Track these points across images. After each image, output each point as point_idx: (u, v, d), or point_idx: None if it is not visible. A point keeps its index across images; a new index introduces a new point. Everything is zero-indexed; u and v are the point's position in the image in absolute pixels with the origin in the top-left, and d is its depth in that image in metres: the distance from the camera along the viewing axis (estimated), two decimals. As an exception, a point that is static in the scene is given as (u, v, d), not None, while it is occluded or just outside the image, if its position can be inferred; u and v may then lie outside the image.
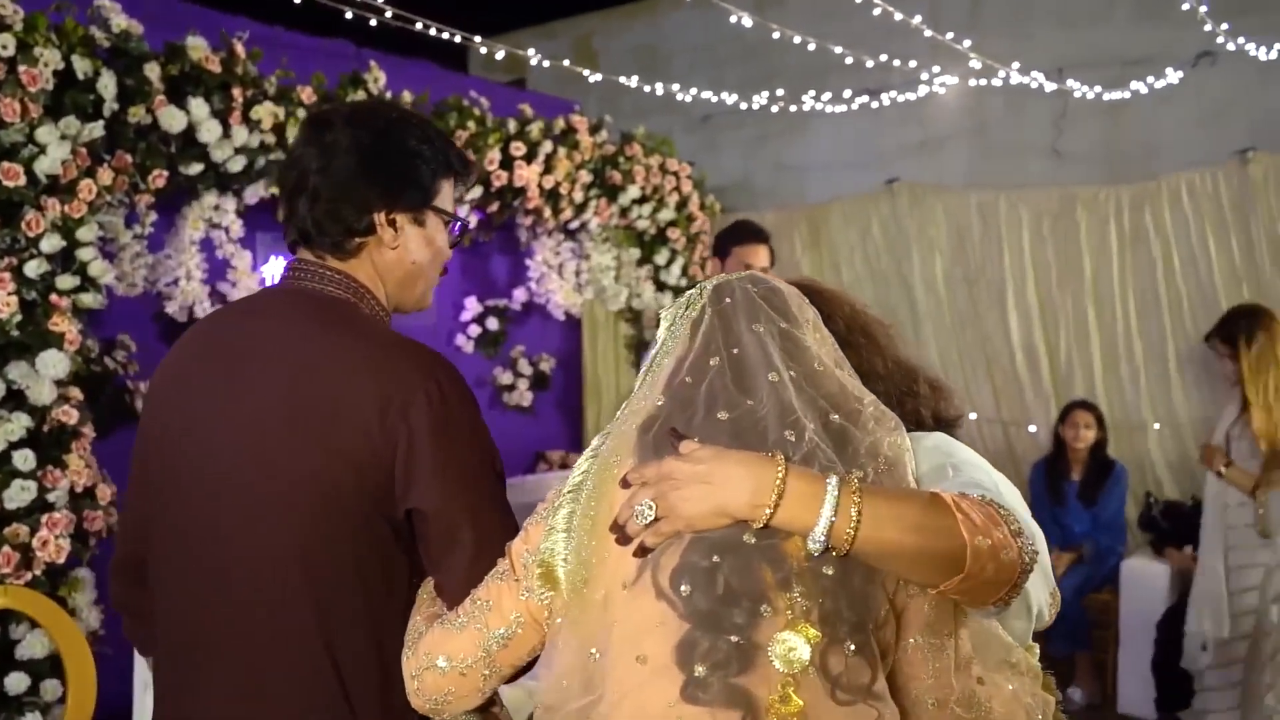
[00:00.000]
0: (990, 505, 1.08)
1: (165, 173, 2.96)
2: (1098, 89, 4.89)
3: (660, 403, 1.18)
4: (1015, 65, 4.89)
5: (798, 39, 4.73)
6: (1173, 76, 4.90)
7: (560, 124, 4.13)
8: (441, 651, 1.25)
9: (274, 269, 3.57)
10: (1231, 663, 3.64)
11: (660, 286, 4.75)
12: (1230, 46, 4.66)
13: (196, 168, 3.06)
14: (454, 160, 1.50)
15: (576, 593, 1.16)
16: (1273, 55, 4.52)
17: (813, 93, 5.58)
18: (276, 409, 1.34)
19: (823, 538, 1.02)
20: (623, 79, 4.79)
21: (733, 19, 4.24)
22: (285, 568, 1.33)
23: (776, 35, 5.08)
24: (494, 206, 3.95)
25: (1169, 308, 4.59)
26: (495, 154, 3.80)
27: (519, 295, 4.45)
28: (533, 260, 4.41)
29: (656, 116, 5.85)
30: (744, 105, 5.42)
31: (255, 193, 3.26)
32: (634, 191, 4.41)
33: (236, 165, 3.12)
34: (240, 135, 3.08)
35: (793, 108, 5.63)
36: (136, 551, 1.48)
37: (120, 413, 3.15)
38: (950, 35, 4.87)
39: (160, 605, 1.43)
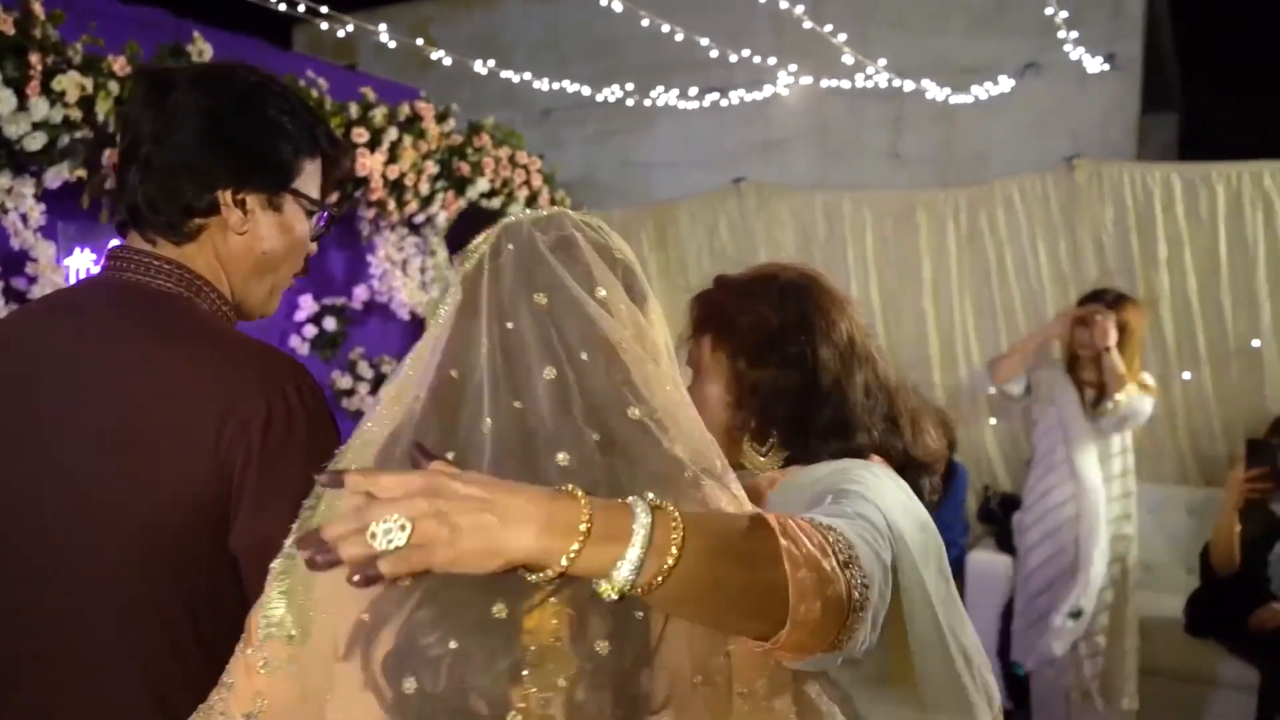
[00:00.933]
0: (820, 530, 0.87)
1: (-52, 148, 2.57)
2: (941, 94, 5.02)
3: (418, 401, 0.93)
4: (870, 65, 4.97)
5: (645, 22, 4.61)
6: (1004, 84, 5.10)
7: (405, 110, 3.88)
8: None
9: (81, 262, 3.18)
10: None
11: (510, 284, 4.55)
12: (1055, 57, 4.90)
13: (-14, 144, 2.67)
14: (322, 139, 1.32)
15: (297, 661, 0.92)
16: (1094, 67, 4.77)
17: (660, 88, 5.51)
18: (88, 434, 1.13)
19: (629, 576, 0.78)
20: (479, 66, 4.57)
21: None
22: (100, 629, 1.13)
23: (621, 30, 4.98)
24: (333, 197, 3.66)
25: (1002, 309, 4.76)
26: (334, 140, 3.51)
27: (359, 294, 4.17)
28: (374, 256, 4.13)
29: (496, 110, 5.65)
30: (598, 97, 5.29)
31: (58, 175, 2.88)
32: (483, 184, 4.20)
33: (35, 143, 2.74)
34: (39, 108, 2.71)
35: (643, 102, 5.56)
36: None
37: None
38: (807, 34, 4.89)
39: None
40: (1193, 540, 4.14)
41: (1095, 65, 4.48)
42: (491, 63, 4.59)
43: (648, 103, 5.51)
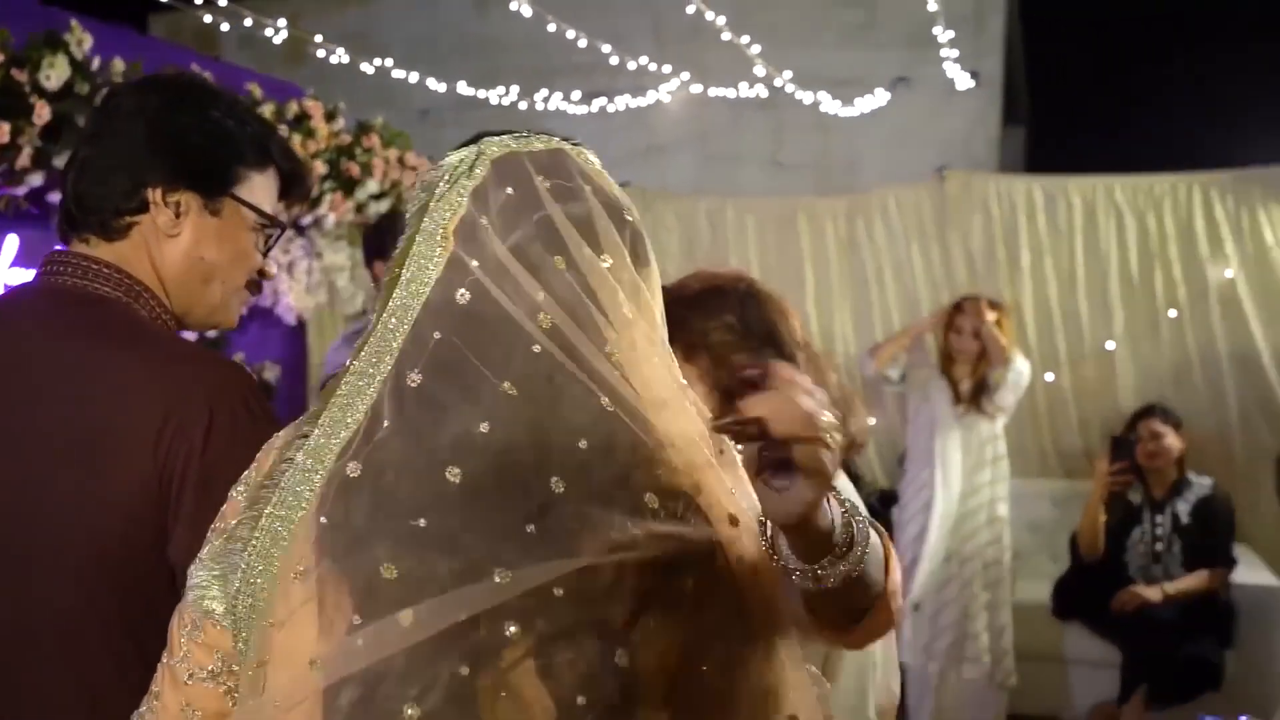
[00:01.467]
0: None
1: None
2: (828, 104, 5.19)
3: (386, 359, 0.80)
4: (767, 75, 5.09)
5: (526, 25, 4.60)
6: (879, 97, 5.32)
7: (294, 108, 3.75)
8: None
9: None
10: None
11: (398, 288, 4.45)
12: (924, 72, 5.15)
13: None
14: (276, 153, 1.27)
15: (245, 662, 0.80)
16: (963, 83, 5.03)
17: (545, 91, 5.51)
18: (18, 445, 1.11)
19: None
20: (393, 65, 4.45)
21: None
22: (43, 638, 1.10)
23: (502, 31, 4.96)
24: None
25: (880, 313, 4.97)
26: (221, 138, 3.37)
27: (241, 297, 4.01)
28: (258, 258, 3.98)
29: (372, 109, 5.52)
30: (480, 95, 5.23)
31: (-79, 170, 2.67)
32: (372, 186, 4.10)
33: (-103, 135, 2.53)
34: (-97, 97, 2.50)
35: (521, 105, 5.54)
36: None
37: None
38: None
39: None
40: (1056, 530, 4.42)
41: (964, 81, 4.73)
42: (381, 61, 4.48)
43: (524, 105, 5.49)
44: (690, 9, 4.76)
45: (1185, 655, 3.63)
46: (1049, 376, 4.70)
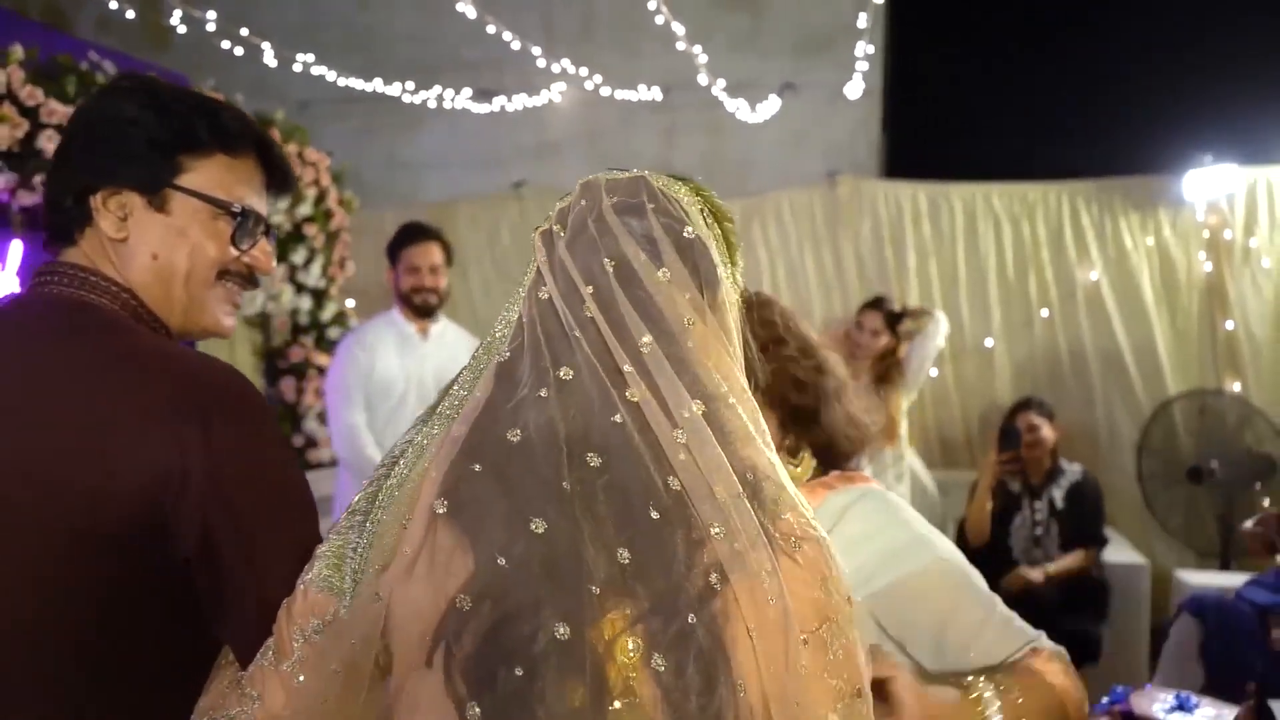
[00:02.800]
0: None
1: None
2: (722, 107, 5.30)
3: (486, 393, 0.93)
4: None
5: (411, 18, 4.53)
6: (770, 101, 5.46)
7: (195, 100, 3.58)
8: None
9: None
10: None
11: (299, 288, 4.31)
12: (810, 78, 5.33)
13: None
14: (206, 134, 1.20)
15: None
16: (852, 91, 5.23)
17: (437, 87, 5.41)
18: (20, 453, 1.08)
19: None
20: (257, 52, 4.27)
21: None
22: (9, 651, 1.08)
23: (383, 23, 4.84)
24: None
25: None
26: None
27: (133, 297, 3.79)
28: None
29: (248, 99, 5.31)
30: (368, 88, 5.10)
31: None
32: (274, 182, 3.95)
33: None
34: None
35: (411, 101, 5.43)
36: None
37: None
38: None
39: None
40: (939, 517, 4.67)
41: (855, 88, 4.93)
42: (268, 47, 4.31)
43: (417, 100, 5.39)
44: (580, 6, 4.80)
45: (1067, 631, 3.90)
46: (934, 372, 4.97)
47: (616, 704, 0.82)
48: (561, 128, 5.86)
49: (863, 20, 4.52)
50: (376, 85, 5.09)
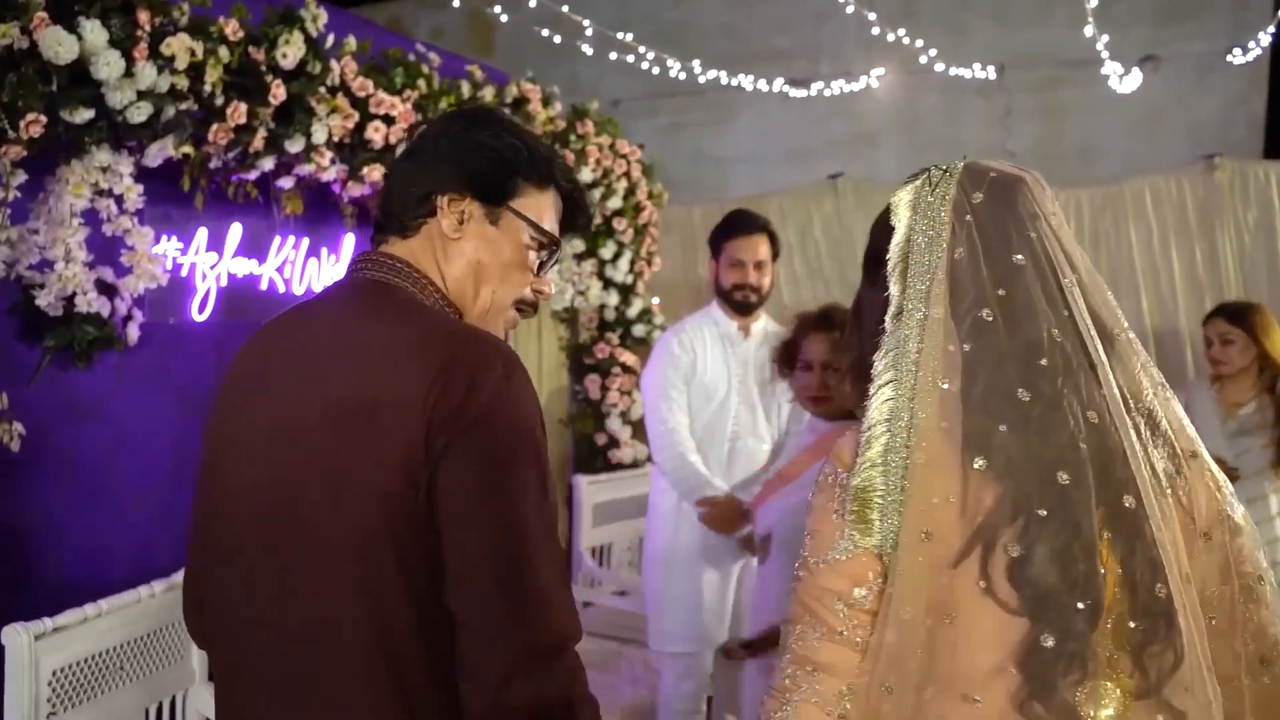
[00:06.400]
0: None
1: (43, 118, 2.22)
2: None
3: (963, 349, 1.08)
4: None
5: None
6: (1119, 80, 4.77)
7: (513, 91, 3.54)
8: None
9: (169, 250, 2.84)
10: None
11: (607, 284, 4.21)
12: (1169, 51, 4.58)
13: (85, 114, 2.32)
14: (554, 173, 1.38)
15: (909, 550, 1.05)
16: (1218, 63, 4.45)
17: (749, 77, 5.18)
18: (323, 415, 1.19)
19: None
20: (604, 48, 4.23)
21: None
22: (345, 605, 1.17)
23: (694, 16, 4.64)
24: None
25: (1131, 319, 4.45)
26: (446, 122, 3.18)
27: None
28: (467, 250, 3.79)
29: (564, 97, 5.35)
30: (680, 76, 4.95)
31: (161, 152, 2.53)
32: (586, 174, 3.87)
33: (140, 114, 2.39)
34: (147, 74, 2.36)
35: (715, 93, 5.23)
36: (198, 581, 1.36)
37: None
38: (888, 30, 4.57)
39: (218, 635, 1.31)
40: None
41: (1215, 60, 4.14)
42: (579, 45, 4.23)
43: (728, 94, 5.18)
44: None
45: None
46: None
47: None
48: (878, 116, 5.45)
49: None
50: (687, 74, 4.93)
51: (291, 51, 2.67)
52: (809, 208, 5.00)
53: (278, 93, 2.67)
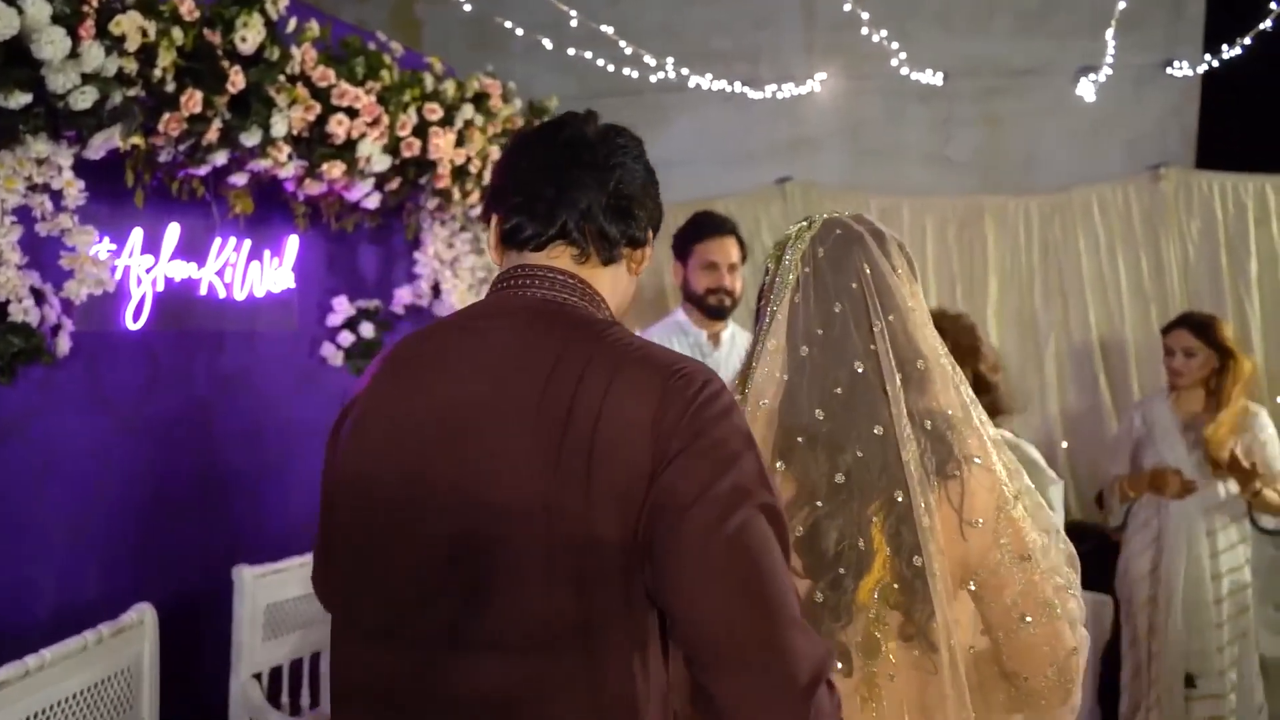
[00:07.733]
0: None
1: (-27, 103, 1.96)
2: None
3: (784, 378, 1.42)
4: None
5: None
6: (1057, 89, 4.83)
7: (474, 86, 3.34)
8: None
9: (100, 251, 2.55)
10: None
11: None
12: (1112, 61, 4.65)
13: (22, 99, 2.05)
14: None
15: None
16: (1152, 74, 4.54)
17: (690, 80, 5.07)
18: (521, 436, 1.16)
19: None
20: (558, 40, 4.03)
21: None
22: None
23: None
24: (394, 183, 3.10)
25: (1078, 328, 4.49)
26: (407, 117, 2.96)
27: (401, 296, 3.59)
28: (422, 254, 3.57)
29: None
30: (630, 73, 4.80)
31: (106, 143, 2.27)
32: (546, 174, 3.69)
33: (84, 100, 2.13)
34: (94, 55, 2.10)
35: (657, 94, 5.11)
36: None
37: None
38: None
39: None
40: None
41: (1152, 72, 4.21)
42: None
43: (659, 93, 5.06)
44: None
45: None
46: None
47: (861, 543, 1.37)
48: (820, 120, 5.40)
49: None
50: (624, 74, 4.78)
51: (251, 35, 2.43)
52: (756, 212, 4.92)
53: (236, 80, 2.42)
